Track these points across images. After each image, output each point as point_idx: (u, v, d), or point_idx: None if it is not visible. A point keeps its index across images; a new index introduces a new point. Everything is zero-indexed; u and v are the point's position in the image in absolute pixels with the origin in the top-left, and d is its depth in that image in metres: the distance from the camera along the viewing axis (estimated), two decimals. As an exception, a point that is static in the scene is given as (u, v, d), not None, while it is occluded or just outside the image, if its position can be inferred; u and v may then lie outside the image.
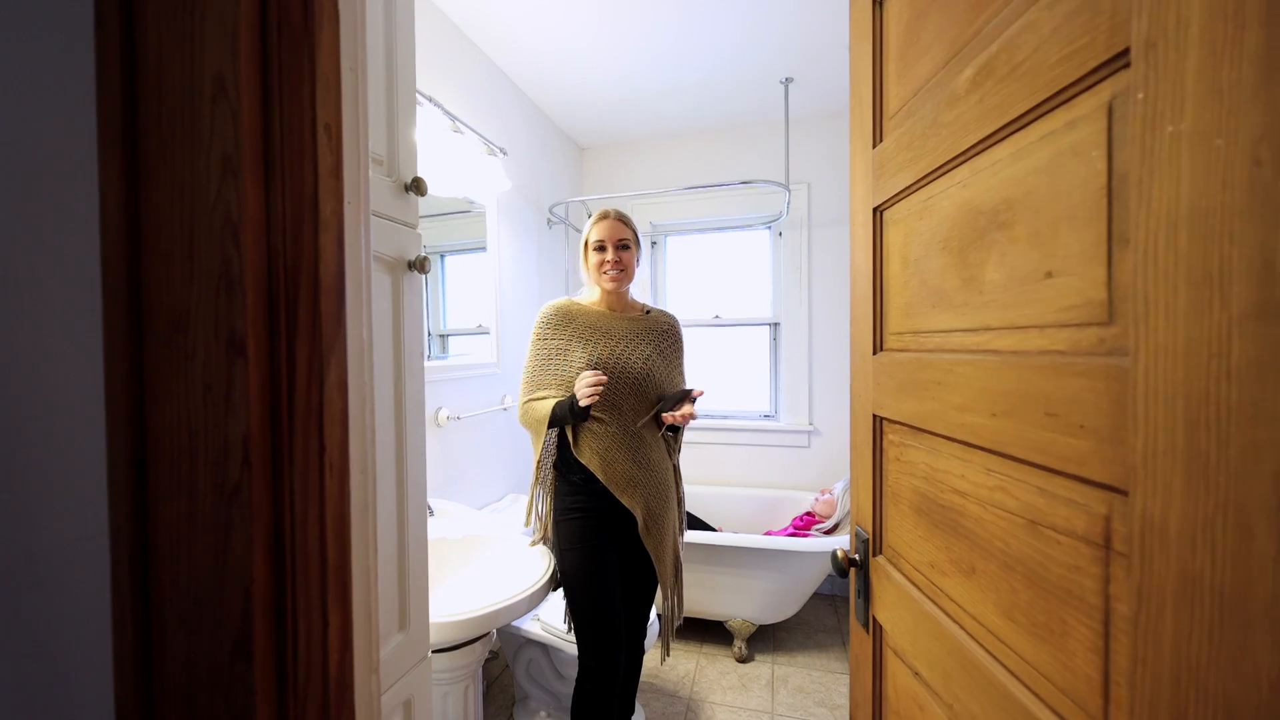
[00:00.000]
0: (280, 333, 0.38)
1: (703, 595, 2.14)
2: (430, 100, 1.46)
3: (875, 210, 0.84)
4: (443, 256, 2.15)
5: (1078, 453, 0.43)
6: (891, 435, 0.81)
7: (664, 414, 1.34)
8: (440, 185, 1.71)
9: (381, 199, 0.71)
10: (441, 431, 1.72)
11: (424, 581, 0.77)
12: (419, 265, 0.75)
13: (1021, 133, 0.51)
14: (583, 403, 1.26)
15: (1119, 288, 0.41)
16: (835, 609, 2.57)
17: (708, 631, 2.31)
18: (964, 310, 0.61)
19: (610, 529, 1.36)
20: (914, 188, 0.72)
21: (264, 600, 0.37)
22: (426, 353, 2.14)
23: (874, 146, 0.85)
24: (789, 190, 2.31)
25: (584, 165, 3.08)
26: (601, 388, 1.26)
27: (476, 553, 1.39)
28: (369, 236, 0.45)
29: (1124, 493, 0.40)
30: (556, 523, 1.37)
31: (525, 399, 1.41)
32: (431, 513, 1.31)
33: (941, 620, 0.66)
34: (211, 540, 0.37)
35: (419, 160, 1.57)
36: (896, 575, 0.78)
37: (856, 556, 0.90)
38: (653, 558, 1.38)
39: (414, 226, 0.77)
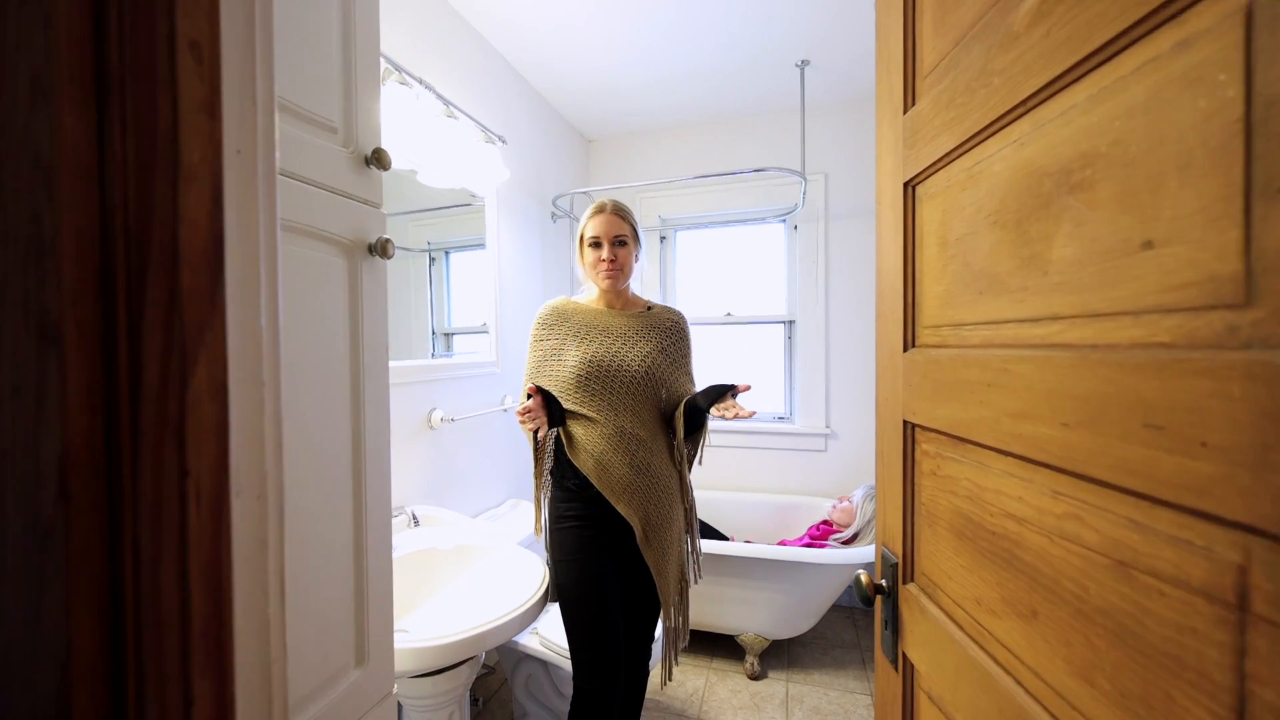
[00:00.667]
0: (118, 317, 0.28)
1: (712, 608, 2.03)
2: (420, 82, 1.37)
3: (906, 185, 0.73)
4: (448, 253, 2.08)
5: (1196, 478, 0.33)
6: (926, 445, 0.70)
7: (713, 409, 1.23)
8: (435, 174, 1.62)
9: (336, 172, 0.62)
10: (435, 434, 1.64)
11: (387, 610, 0.68)
12: (380, 249, 0.66)
13: (1106, 67, 0.40)
14: (527, 429, 1.18)
15: (1263, 255, 0.30)
16: (854, 623, 2.44)
17: (718, 645, 2.20)
18: (1022, 296, 0.50)
19: (609, 539, 1.26)
20: (955, 154, 0.61)
21: (88, 678, 0.27)
22: (430, 350, 2.07)
23: (905, 112, 0.74)
24: (805, 180, 2.19)
25: (591, 158, 2.99)
26: (531, 412, 1.16)
27: (469, 564, 1.30)
28: (274, 198, 0.35)
29: (1273, 536, 0.29)
30: (550, 531, 1.27)
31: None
32: (416, 522, 1.22)
33: (991, 670, 0.55)
34: (23, 599, 0.28)
35: (414, 147, 1.49)
36: (932, 608, 0.67)
37: (884, 582, 0.79)
38: (653, 571, 1.27)
39: (377, 205, 0.68)
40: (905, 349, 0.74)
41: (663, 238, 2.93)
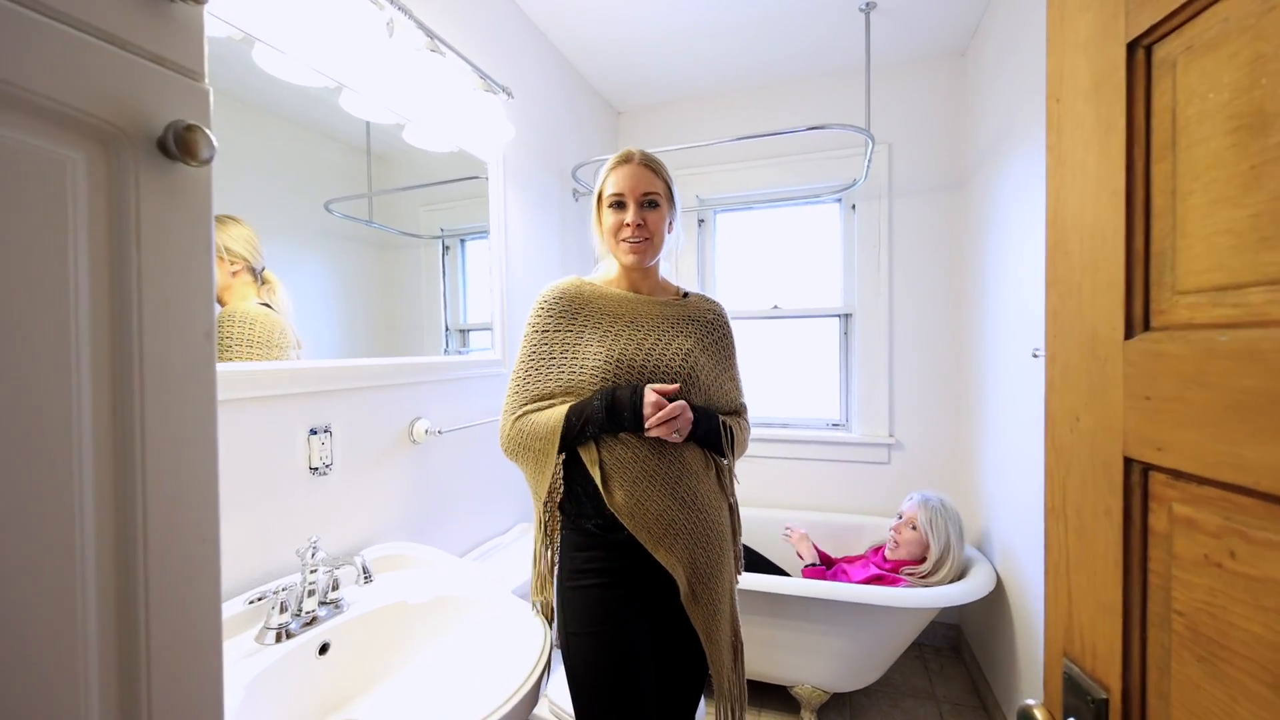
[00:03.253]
0: None
1: (762, 653, 1.72)
2: (392, 2, 1.09)
3: (1133, 47, 0.42)
4: (463, 241, 1.86)
5: None
6: (1187, 509, 0.38)
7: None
8: (424, 130, 1.34)
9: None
10: (418, 451, 1.33)
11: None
12: (183, 144, 0.36)
13: None
14: (652, 433, 0.92)
15: None
16: (925, 664, 2.08)
17: (766, 696, 1.88)
18: None
19: (642, 598, 0.96)
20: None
21: None
22: (443, 346, 1.81)
23: (1131, -81, 0.42)
24: (872, 140, 1.84)
25: (620, 133, 2.70)
26: (678, 419, 0.93)
27: (449, 623, 1.00)
28: None
29: None
30: (561, 591, 0.98)
31: (516, 413, 0.99)
32: (369, 578, 0.92)
33: None
34: None
35: (389, 88, 1.09)
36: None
37: (1072, 724, 0.48)
38: (701, 636, 0.97)
39: (194, 75, 0.38)
40: (1129, 334, 0.43)
41: (701, 221, 2.62)
